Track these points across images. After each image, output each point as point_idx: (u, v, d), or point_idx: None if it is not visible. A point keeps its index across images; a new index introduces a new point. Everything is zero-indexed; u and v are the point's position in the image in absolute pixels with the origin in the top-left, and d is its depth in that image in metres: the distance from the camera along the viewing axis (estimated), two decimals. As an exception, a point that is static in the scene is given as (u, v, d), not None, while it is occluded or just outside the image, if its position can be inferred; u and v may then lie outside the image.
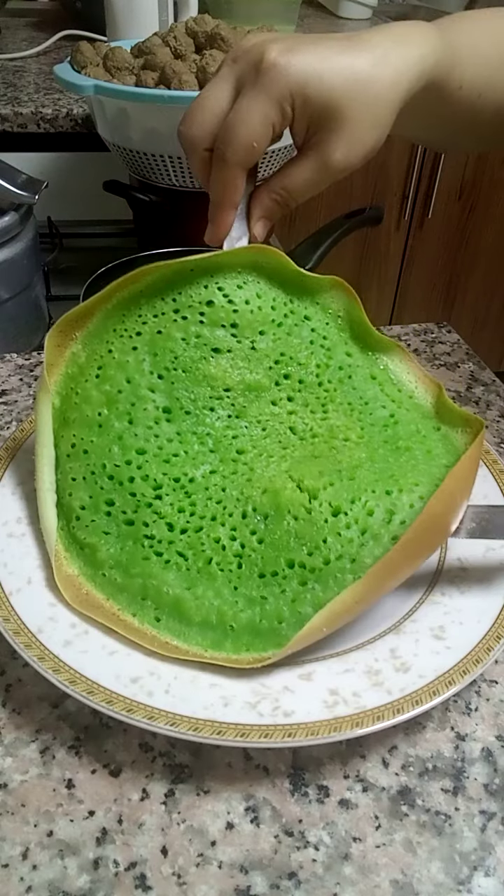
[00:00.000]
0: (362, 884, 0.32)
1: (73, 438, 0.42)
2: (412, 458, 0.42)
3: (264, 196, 0.40)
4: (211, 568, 0.38)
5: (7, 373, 0.62)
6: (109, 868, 0.32)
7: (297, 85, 0.36)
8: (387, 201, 1.60)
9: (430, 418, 0.46)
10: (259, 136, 0.37)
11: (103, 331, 0.43)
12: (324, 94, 0.36)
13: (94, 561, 0.39)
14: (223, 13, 1.29)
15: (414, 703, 0.34)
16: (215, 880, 0.31)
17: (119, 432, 0.41)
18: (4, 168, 0.74)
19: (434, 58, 0.40)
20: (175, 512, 0.39)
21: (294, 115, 0.37)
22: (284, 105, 0.36)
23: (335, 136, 0.37)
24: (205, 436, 0.41)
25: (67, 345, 0.43)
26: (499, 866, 0.32)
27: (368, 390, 0.46)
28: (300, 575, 0.37)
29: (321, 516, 0.38)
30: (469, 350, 0.69)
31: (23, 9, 1.67)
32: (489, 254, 1.76)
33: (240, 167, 0.38)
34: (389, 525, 0.37)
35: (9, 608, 0.37)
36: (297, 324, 0.44)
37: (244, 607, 0.37)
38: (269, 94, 0.36)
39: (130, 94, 0.75)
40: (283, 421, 0.43)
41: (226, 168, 0.38)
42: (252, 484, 0.40)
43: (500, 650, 0.37)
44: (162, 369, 0.42)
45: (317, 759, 0.36)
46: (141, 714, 0.33)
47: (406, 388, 0.47)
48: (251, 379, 0.43)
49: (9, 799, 0.34)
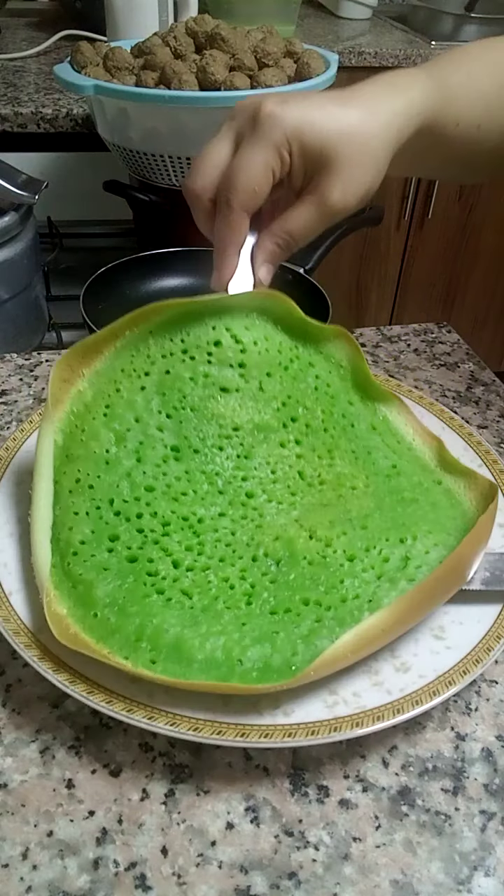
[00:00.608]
0: (362, 884, 0.32)
1: (77, 473, 0.41)
2: (419, 508, 0.42)
3: (267, 241, 0.42)
4: (217, 605, 0.37)
5: (7, 373, 0.62)
6: (109, 868, 0.32)
7: (293, 131, 0.38)
8: (387, 201, 1.59)
9: (429, 471, 0.46)
10: (260, 181, 0.38)
11: (111, 370, 0.43)
12: (319, 139, 0.38)
13: (88, 600, 0.37)
14: (223, 13, 1.29)
15: (414, 703, 0.34)
16: (215, 880, 0.31)
17: (128, 469, 0.41)
18: (4, 168, 0.74)
19: (424, 101, 0.41)
20: (182, 550, 0.39)
21: (292, 161, 0.38)
22: (282, 150, 0.38)
23: (332, 179, 0.39)
24: (213, 475, 0.41)
25: (73, 381, 0.43)
26: (499, 866, 0.32)
27: (370, 440, 0.46)
28: (316, 612, 0.36)
29: (337, 561, 0.38)
30: (469, 350, 0.69)
31: (23, 9, 1.67)
32: (489, 254, 1.76)
33: (243, 212, 0.39)
34: (406, 570, 0.38)
35: (9, 608, 0.37)
36: (302, 369, 0.45)
37: (252, 643, 0.35)
38: (268, 141, 0.38)
39: (130, 94, 0.75)
40: (293, 465, 0.43)
41: (230, 213, 0.39)
42: (263, 530, 0.40)
43: (500, 650, 0.37)
44: (171, 409, 0.42)
45: (317, 759, 0.36)
46: (141, 714, 0.33)
47: (405, 441, 0.47)
48: (259, 419, 0.42)
49: (9, 799, 0.34)
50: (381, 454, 0.45)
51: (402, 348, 0.69)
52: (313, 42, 1.09)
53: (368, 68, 1.45)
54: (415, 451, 0.47)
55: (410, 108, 0.41)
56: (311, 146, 0.38)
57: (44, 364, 0.64)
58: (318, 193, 0.39)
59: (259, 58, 0.78)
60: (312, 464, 0.43)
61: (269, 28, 0.85)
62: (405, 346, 0.69)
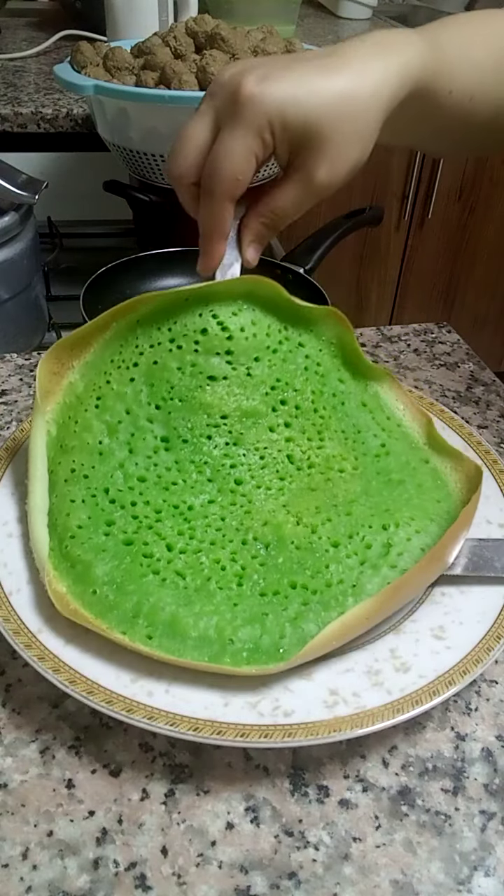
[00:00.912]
0: (362, 884, 0.32)
1: (72, 464, 0.42)
2: (405, 491, 0.43)
3: (253, 221, 0.41)
4: (210, 586, 0.38)
5: (7, 373, 0.62)
6: (109, 868, 0.32)
7: (275, 113, 0.36)
8: (387, 201, 1.59)
9: (417, 449, 0.47)
10: (242, 168, 0.38)
11: (101, 362, 0.44)
12: (301, 117, 0.36)
13: (87, 578, 0.38)
14: (223, 13, 1.29)
15: (414, 703, 0.34)
16: (215, 880, 0.31)
17: (120, 460, 0.42)
18: (4, 168, 0.74)
19: (419, 63, 0.39)
20: (175, 534, 0.40)
21: (275, 142, 0.37)
22: (264, 135, 0.37)
23: (317, 156, 0.38)
24: (202, 464, 0.42)
25: (64, 373, 0.43)
26: (499, 866, 0.32)
27: (360, 417, 0.46)
28: (302, 595, 0.38)
29: (322, 547, 0.40)
30: (469, 350, 0.69)
31: (23, 9, 1.67)
32: (489, 254, 1.76)
33: (227, 199, 0.39)
34: (388, 556, 0.39)
35: (9, 608, 0.37)
36: (291, 350, 0.45)
37: (244, 623, 0.37)
38: (249, 126, 0.36)
39: (130, 94, 0.75)
40: (282, 449, 0.43)
41: (213, 202, 0.39)
42: (251, 516, 0.41)
43: (500, 650, 0.37)
44: (159, 399, 0.43)
45: (317, 759, 0.36)
46: (141, 714, 0.33)
47: (395, 417, 0.48)
48: (248, 405, 0.43)
49: (9, 799, 0.34)
50: (371, 433, 0.46)
51: (402, 348, 0.69)
52: (313, 42, 1.09)
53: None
54: (404, 428, 0.48)
55: (403, 70, 0.39)
56: (295, 125, 0.37)
57: (44, 364, 0.64)
58: (304, 171, 0.38)
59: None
60: (302, 446, 0.44)
61: (269, 28, 0.85)
62: (405, 346, 0.69)
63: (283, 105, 0.36)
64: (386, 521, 0.41)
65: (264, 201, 0.40)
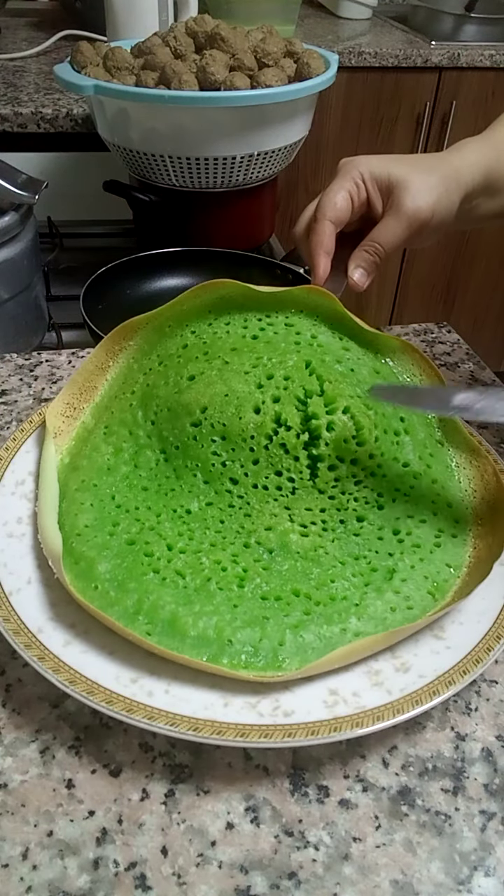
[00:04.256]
0: (362, 884, 0.31)
1: (82, 477, 0.44)
2: (416, 507, 0.43)
3: (358, 250, 0.50)
4: (210, 586, 0.38)
5: (7, 373, 0.62)
6: (109, 868, 0.32)
7: (364, 167, 0.49)
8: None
9: (431, 426, 0.47)
10: (339, 198, 0.48)
11: (106, 399, 0.49)
12: (385, 169, 0.48)
13: (90, 574, 0.39)
14: (223, 13, 1.29)
15: (414, 703, 0.34)
16: (215, 880, 0.31)
17: (126, 474, 0.44)
18: (4, 168, 0.74)
19: (478, 157, 0.50)
20: (175, 535, 0.41)
21: (366, 187, 0.49)
22: (356, 179, 0.49)
23: (402, 191, 0.47)
24: (195, 467, 0.43)
25: (77, 416, 0.48)
26: (499, 866, 0.32)
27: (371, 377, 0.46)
28: (305, 605, 0.38)
29: (329, 562, 0.40)
30: (469, 350, 0.69)
31: (23, 9, 1.67)
32: (489, 254, 1.76)
33: (327, 219, 0.48)
34: (391, 581, 0.40)
35: (9, 608, 0.37)
36: (277, 332, 0.46)
37: (243, 624, 0.37)
38: (344, 175, 0.49)
39: (130, 94, 0.75)
40: (269, 434, 0.42)
41: (316, 223, 0.48)
42: (252, 519, 0.41)
43: (500, 650, 0.37)
44: (152, 415, 0.45)
45: (317, 759, 0.36)
46: (141, 714, 0.33)
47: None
48: (223, 388, 0.43)
49: (9, 799, 0.34)
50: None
51: (402, 348, 0.69)
52: (313, 42, 1.09)
53: (368, 68, 1.45)
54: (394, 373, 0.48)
55: (481, 160, 0.49)
56: (380, 174, 0.48)
57: (44, 364, 0.64)
58: (394, 204, 0.48)
59: (259, 58, 0.78)
60: (292, 418, 0.42)
61: (269, 28, 0.85)
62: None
63: (369, 163, 0.49)
64: (392, 549, 0.41)
65: (368, 236, 0.49)
